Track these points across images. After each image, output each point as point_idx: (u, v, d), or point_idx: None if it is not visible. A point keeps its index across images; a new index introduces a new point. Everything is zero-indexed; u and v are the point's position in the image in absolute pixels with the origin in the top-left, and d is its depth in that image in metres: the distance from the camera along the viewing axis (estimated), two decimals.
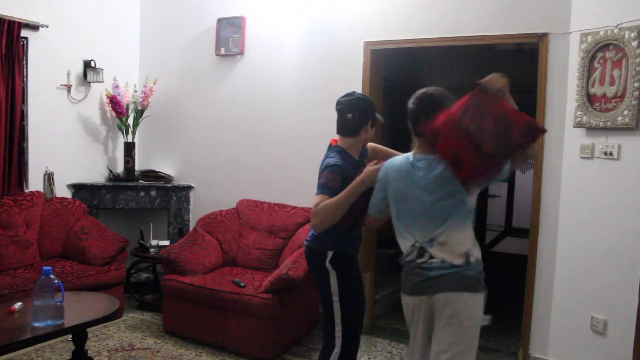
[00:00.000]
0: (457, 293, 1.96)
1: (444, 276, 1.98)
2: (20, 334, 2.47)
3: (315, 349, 3.53)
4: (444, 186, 2.00)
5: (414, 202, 2.04)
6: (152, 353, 3.39)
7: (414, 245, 2.05)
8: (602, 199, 2.95)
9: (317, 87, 4.09)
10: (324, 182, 2.28)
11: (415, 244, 2.04)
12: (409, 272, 2.07)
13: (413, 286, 2.05)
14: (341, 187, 2.26)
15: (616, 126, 2.81)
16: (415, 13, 3.67)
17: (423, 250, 2.02)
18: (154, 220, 4.64)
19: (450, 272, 1.97)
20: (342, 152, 2.43)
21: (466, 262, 1.98)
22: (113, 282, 3.87)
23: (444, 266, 1.98)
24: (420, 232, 2.03)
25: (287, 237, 3.92)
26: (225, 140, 4.55)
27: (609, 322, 2.90)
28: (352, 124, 2.43)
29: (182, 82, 4.74)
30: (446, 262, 1.98)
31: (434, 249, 2.00)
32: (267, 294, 3.30)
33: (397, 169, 2.12)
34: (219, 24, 4.44)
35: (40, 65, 4.13)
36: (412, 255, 2.05)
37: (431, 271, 2.00)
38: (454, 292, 1.97)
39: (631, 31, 2.72)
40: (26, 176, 4.11)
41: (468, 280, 1.97)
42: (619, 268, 2.85)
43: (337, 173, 2.29)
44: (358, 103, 2.44)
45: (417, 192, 2.04)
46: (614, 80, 2.84)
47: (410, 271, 2.06)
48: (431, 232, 2.00)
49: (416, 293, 2.05)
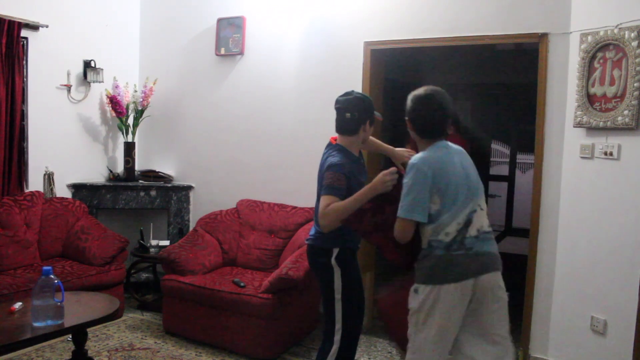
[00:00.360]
0: (498, 272, 2.15)
1: (486, 254, 2.12)
2: (20, 334, 2.47)
3: (315, 349, 3.53)
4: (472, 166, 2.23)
5: (460, 179, 2.15)
6: (152, 353, 3.39)
7: (459, 222, 2.10)
8: (602, 199, 2.95)
9: (317, 87, 4.09)
10: (330, 183, 2.29)
11: (460, 222, 2.10)
12: (451, 258, 2.09)
13: (459, 271, 2.09)
14: (346, 186, 2.29)
15: (616, 126, 2.81)
16: (415, 13, 3.67)
17: (468, 222, 2.10)
18: (154, 220, 4.64)
19: (490, 244, 2.15)
20: (343, 150, 2.45)
21: (491, 228, 2.20)
22: (113, 282, 3.87)
23: (485, 234, 2.14)
24: (467, 204, 2.12)
25: (287, 237, 3.92)
26: (225, 140, 4.55)
27: (609, 322, 2.90)
28: (351, 122, 2.45)
29: (182, 82, 4.74)
30: (484, 229, 2.15)
31: (476, 215, 2.12)
32: (267, 294, 3.30)
33: (436, 161, 2.14)
34: (219, 24, 4.44)
35: (40, 65, 4.13)
36: (454, 234, 2.09)
37: (474, 245, 2.10)
38: (497, 271, 2.15)
39: (631, 31, 2.72)
40: (26, 176, 4.11)
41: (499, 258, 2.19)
42: (619, 268, 2.85)
43: (342, 173, 2.32)
44: (357, 102, 2.46)
45: (464, 166, 2.19)
46: (614, 80, 2.84)
47: (452, 256, 2.09)
48: (476, 200, 2.15)
49: (463, 277, 2.08)
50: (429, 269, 2.13)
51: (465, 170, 2.18)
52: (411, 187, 2.10)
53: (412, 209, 2.09)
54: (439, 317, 2.09)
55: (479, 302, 2.12)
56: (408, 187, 2.11)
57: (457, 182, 2.13)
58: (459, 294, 2.09)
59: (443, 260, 2.10)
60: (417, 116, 2.21)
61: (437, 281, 2.10)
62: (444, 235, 2.10)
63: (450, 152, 2.21)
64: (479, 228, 2.13)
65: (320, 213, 2.26)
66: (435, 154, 2.16)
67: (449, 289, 2.08)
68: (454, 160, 2.18)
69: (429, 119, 2.19)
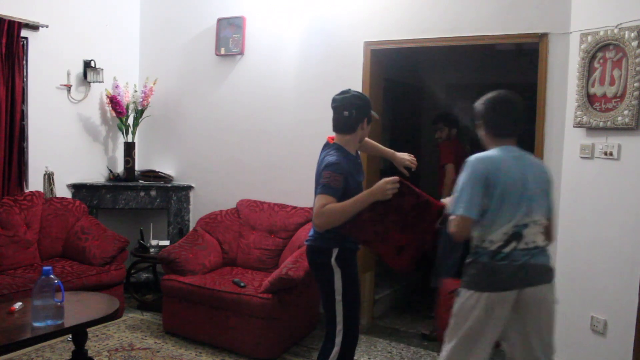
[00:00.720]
0: (547, 285, 2.13)
1: (534, 267, 2.08)
2: (20, 334, 2.47)
3: (315, 349, 3.53)
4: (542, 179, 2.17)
5: (515, 188, 2.07)
6: (152, 353, 3.38)
7: (506, 232, 2.06)
8: (602, 199, 2.95)
9: (317, 87, 4.09)
10: (326, 182, 2.27)
11: (506, 232, 2.06)
12: (495, 267, 2.06)
13: (501, 281, 2.05)
14: (342, 185, 2.27)
15: (616, 126, 2.81)
16: (415, 13, 3.67)
17: (517, 235, 2.06)
18: (154, 220, 4.64)
19: (539, 258, 2.10)
20: (341, 149, 2.44)
21: (546, 243, 2.15)
22: (113, 282, 3.87)
23: (536, 249, 2.09)
24: (515, 215, 2.06)
25: (287, 237, 3.92)
26: (225, 140, 4.55)
27: (609, 322, 2.90)
28: (348, 121, 2.44)
29: (182, 82, 4.74)
30: (537, 244, 2.10)
31: (529, 229, 2.08)
32: (267, 294, 3.30)
33: (492, 162, 2.10)
34: (219, 24, 4.44)
35: (40, 65, 4.13)
36: (499, 243, 2.06)
37: (521, 258, 2.07)
38: (544, 284, 2.11)
39: (631, 31, 2.72)
40: (26, 176, 4.11)
41: (551, 270, 2.16)
42: (619, 268, 2.84)
43: (339, 172, 2.30)
44: (354, 100, 2.45)
45: (526, 176, 2.10)
46: (614, 80, 2.84)
47: (497, 266, 2.06)
48: (532, 215, 2.09)
49: (505, 288, 2.05)
50: (472, 275, 2.11)
51: (524, 181, 2.09)
52: (465, 184, 2.07)
53: (468, 207, 2.05)
54: (472, 323, 2.08)
55: (522, 314, 2.10)
56: (462, 185, 2.08)
57: (508, 190, 2.06)
58: (498, 303, 2.06)
59: (486, 269, 2.08)
60: (491, 116, 2.19)
61: (478, 288, 2.08)
62: (489, 243, 2.08)
63: (515, 158, 2.14)
64: (530, 242, 2.09)
65: (315, 212, 2.24)
66: (494, 155, 2.12)
67: (489, 298, 2.06)
68: (514, 167, 2.10)
69: (501, 119, 2.17)
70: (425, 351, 3.64)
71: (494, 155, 2.12)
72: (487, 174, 2.06)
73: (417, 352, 3.63)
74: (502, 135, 2.18)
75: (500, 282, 2.06)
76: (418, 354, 3.59)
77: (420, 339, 3.85)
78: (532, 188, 2.11)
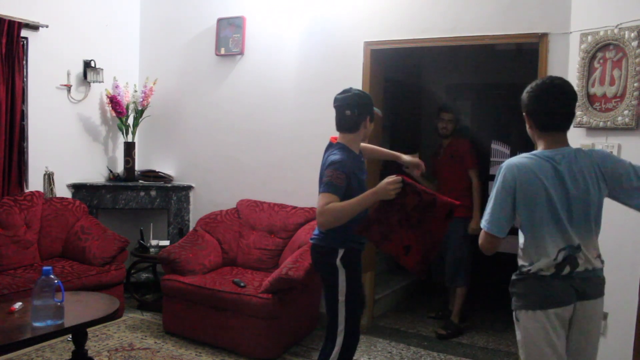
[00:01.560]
0: (600, 299, 1.89)
1: (587, 280, 1.84)
2: (20, 334, 2.47)
3: (315, 349, 3.53)
4: (591, 178, 1.84)
5: (568, 201, 1.81)
6: (152, 353, 3.38)
7: (559, 252, 1.81)
8: None
9: (317, 87, 4.09)
10: (329, 180, 2.26)
11: (561, 251, 1.81)
12: (542, 282, 1.84)
13: (555, 296, 1.83)
14: (346, 184, 2.27)
15: (616, 126, 2.81)
16: (415, 13, 3.67)
17: (572, 257, 1.81)
18: (154, 220, 4.63)
19: (594, 276, 1.86)
20: (345, 149, 2.44)
21: (601, 265, 1.90)
22: (113, 282, 3.87)
23: (589, 271, 1.84)
24: (574, 234, 1.81)
25: (287, 237, 3.92)
26: (225, 140, 4.55)
27: (609, 322, 2.90)
28: (351, 120, 2.44)
29: (182, 82, 4.74)
30: (590, 267, 1.84)
31: (581, 253, 1.82)
32: (267, 294, 3.30)
33: (531, 167, 1.82)
34: (219, 24, 4.44)
35: (40, 65, 4.13)
36: (550, 265, 1.82)
37: (576, 279, 1.83)
38: (597, 298, 1.87)
39: (631, 31, 2.72)
40: (26, 176, 4.11)
41: (603, 284, 1.90)
42: (619, 268, 2.84)
43: (342, 171, 2.29)
44: (356, 99, 2.45)
45: (569, 188, 1.81)
46: (614, 80, 2.84)
47: (545, 281, 1.84)
48: (584, 233, 1.83)
49: (561, 304, 1.82)
50: (518, 294, 1.91)
51: (565, 193, 1.80)
52: (494, 194, 1.86)
53: (492, 222, 1.84)
54: (527, 347, 1.88)
55: (571, 331, 1.87)
56: (492, 194, 1.87)
57: (544, 205, 1.80)
58: (549, 320, 1.83)
59: (535, 283, 1.85)
60: (535, 106, 1.89)
61: (524, 307, 1.87)
62: (537, 269, 1.84)
63: (564, 160, 1.83)
64: (583, 268, 1.84)
65: (318, 210, 2.23)
66: (530, 161, 1.84)
67: (537, 316, 1.84)
68: (553, 174, 1.81)
69: (549, 109, 1.86)
70: (425, 351, 3.64)
71: (528, 162, 1.85)
72: (517, 186, 1.81)
73: (417, 352, 3.63)
74: (548, 128, 1.89)
75: (547, 298, 1.84)
76: (418, 354, 3.59)
77: (421, 339, 3.85)
78: (578, 200, 1.81)
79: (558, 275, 1.82)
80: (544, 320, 1.83)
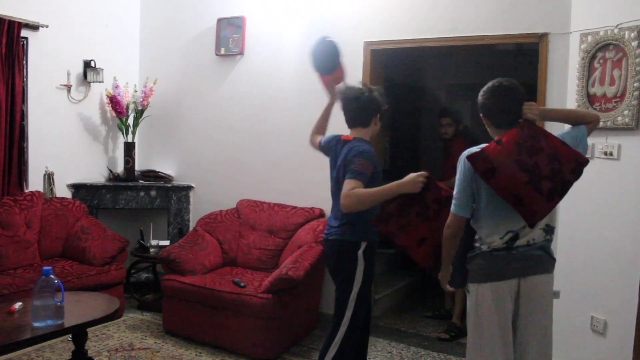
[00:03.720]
0: (545, 275, 2.09)
1: (532, 257, 2.05)
2: (20, 334, 2.47)
3: (315, 349, 3.53)
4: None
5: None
6: (152, 353, 3.38)
7: (506, 233, 2.04)
8: (602, 199, 2.95)
9: (317, 87, 4.05)
10: (358, 169, 2.34)
11: (508, 232, 2.04)
12: (495, 258, 2.06)
13: (502, 271, 2.05)
14: (370, 173, 2.38)
15: (616, 126, 2.81)
16: (415, 13, 3.67)
17: (516, 236, 2.04)
18: (154, 220, 4.64)
19: (538, 253, 2.07)
20: (367, 142, 2.54)
21: (548, 239, 2.10)
22: (113, 282, 3.87)
23: (533, 245, 2.06)
24: (508, 216, 2.01)
25: (287, 237, 3.92)
26: (225, 140, 4.55)
27: (609, 322, 2.90)
28: (361, 114, 2.55)
29: (182, 82, 4.74)
30: (535, 242, 2.06)
31: (523, 231, 2.04)
32: (267, 294, 3.30)
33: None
34: (219, 24, 4.44)
35: (40, 65, 4.13)
36: (502, 242, 2.04)
37: (521, 253, 2.05)
38: (543, 274, 2.08)
39: (631, 31, 2.72)
40: (26, 176, 4.11)
41: (550, 261, 2.12)
42: (619, 268, 2.84)
43: (370, 161, 2.39)
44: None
45: None
46: (614, 80, 2.84)
47: (497, 257, 2.06)
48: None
49: (506, 277, 2.04)
50: (474, 269, 2.13)
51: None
52: (457, 180, 2.10)
53: (460, 205, 2.08)
54: (478, 317, 2.09)
55: (519, 306, 2.08)
56: (456, 182, 2.11)
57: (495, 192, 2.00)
58: (498, 294, 2.05)
59: (485, 258, 2.09)
60: (489, 107, 2.11)
61: (477, 280, 2.10)
62: (486, 246, 2.09)
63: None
64: (529, 240, 2.07)
65: (344, 193, 2.29)
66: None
67: (488, 287, 2.07)
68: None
69: (497, 107, 2.09)
70: (425, 351, 3.64)
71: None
72: (472, 173, 2.03)
73: (417, 352, 3.63)
74: (502, 125, 2.09)
75: (497, 272, 2.06)
76: (418, 354, 3.59)
77: (421, 339, 3.85)
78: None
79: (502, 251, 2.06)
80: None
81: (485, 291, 2.07)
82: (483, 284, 2.08)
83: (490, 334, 2.06)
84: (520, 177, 1.91)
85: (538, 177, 1.91)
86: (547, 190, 1.92)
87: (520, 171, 1.91)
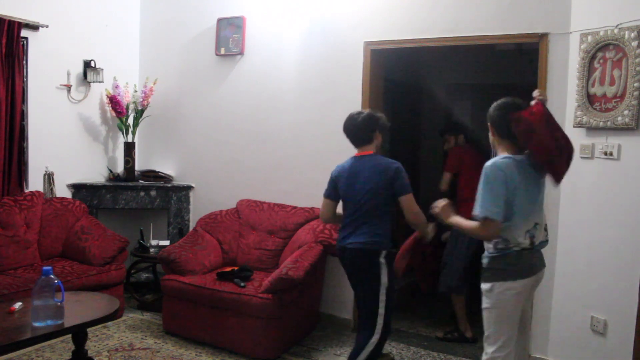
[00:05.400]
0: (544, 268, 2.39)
1: (539, 254, 2.33)
2: (20, 334, 2.47)
3: (315, 349, 3.53)
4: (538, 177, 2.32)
5: (532, 192, 2.26)
6: (152, 353, 3.39)
7: (527, 232, 2.24)
8: (602, 199, 2.95)
9: (317, 87, 4.09)
10: (409, 182, 2.74)
11: (528, 231, 2.24)
12: (524, 257, 2.24)
13: (528, 268, 2.26)
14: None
15: (616, 126, 2.81)
16: (415, 13, 3.67)
17: (532, 235, 2.25)
18: (154, 220, 4.64)
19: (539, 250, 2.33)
20: (382, 156, 2.86)
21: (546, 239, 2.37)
22: (113, 282, 3.87)
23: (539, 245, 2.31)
24: (535, 217, 2.25)
25: (287, 237, 3.92)
26: (225, 140, 4.55)
27: (609, 322, 2.90)
28: (360, 132, 2.84)
29: (182, 82, 4.74)
30: (540, 241, 2.31)
31: (536, 231, 2.26)
32: (267, 294, 3.30)
33: (511, 166, 2.22)
34: (219, 24, 4.44)
35: (40, 65, 4.13)
36: (525, 242, 2.23)
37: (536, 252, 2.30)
38: (543, 267, 2.37)
39: (631, 31, 2.72)
40: (26, 176, 4.11)
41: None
42: (619, 268, 2.85)
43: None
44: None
45: (531, 183, 2.27)
46: (614, 80, 2.84)
47: (525, 256, 2.25)
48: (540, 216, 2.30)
49: (531, 274, 2.27)
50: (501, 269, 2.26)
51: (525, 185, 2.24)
52: (489, 190, 2.18)
53: (495, 211, 2.16)
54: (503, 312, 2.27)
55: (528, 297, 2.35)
56: (482, 188, 2.20)
57: (521, 194, 2.21)
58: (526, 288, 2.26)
59: (511, 258, 2.24)
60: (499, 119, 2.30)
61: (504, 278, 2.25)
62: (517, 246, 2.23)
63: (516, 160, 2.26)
64: (541, 239, 2.32)
65: (416, 210, 2.72)
66: (506, 161, 2.24)
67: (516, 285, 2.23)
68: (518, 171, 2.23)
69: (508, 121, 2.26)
70: (425, 351, 3.64)
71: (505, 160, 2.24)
72: (505, 178, 2.19)
73: (417, 352, 3.63)
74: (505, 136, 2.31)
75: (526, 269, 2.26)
76: (418, 354, 3.59)
77: (421, 339, 3.85)
78: (531, 191, 2.27)
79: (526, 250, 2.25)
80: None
81: (514, 288, 2.22)
82: (512, 281, 2.22)
83: (512, 327, 2.26)
84: (551, 141, 2.19)
85: (560, 143, 2.22)
86: (566, 156, 2.25)
87: (550, 135, 2.19)
